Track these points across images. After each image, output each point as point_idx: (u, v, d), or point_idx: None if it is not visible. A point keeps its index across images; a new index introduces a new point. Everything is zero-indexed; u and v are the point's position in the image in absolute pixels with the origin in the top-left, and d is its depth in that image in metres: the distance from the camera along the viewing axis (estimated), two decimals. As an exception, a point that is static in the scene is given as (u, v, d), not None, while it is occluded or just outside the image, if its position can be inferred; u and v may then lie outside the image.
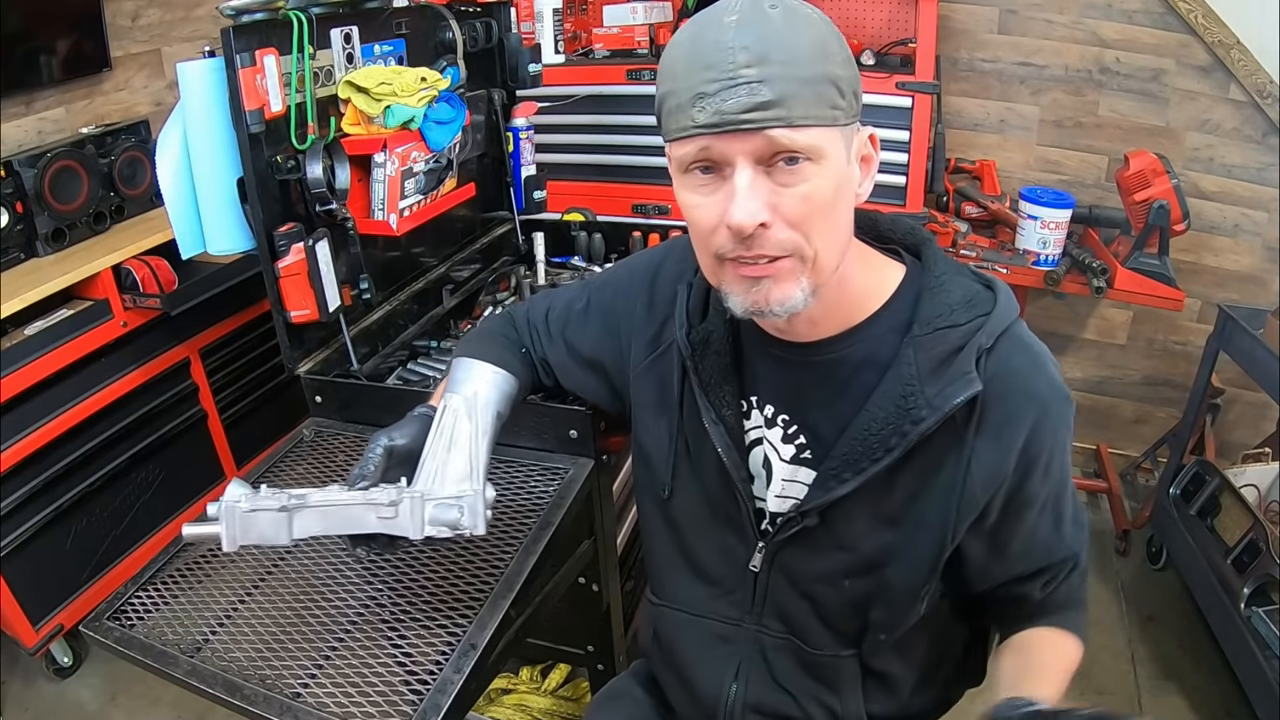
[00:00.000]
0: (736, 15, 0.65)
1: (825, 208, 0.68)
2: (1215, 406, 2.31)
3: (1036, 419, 0.75)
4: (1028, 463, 0.77)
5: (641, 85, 1.99)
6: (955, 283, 0.78)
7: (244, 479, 0.83)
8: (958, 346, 0.75)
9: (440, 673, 0.84)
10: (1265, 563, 1.69)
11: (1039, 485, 0.79)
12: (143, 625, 0.94)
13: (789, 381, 0.83)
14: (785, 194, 0.67)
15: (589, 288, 1.03)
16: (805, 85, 0.65)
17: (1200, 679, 1.92)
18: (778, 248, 0.69)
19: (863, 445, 0.77)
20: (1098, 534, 2.41)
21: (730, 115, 0.65)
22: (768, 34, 0.64)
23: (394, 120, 1.35)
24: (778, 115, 0.64)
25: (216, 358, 2.22)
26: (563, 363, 1.03)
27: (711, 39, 0.65)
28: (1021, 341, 0.77)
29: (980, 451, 0.75)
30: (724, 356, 0.85)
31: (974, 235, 2.30)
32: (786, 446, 0.84)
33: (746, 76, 0.64)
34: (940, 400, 0.73)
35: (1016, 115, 2.40)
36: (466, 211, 1.77)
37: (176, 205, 1.24)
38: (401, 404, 1.03)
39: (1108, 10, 2.21)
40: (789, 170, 0.67)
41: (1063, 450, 0.80)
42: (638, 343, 0.94)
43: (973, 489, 0.76)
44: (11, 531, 1.76)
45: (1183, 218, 2.03)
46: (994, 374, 0.74)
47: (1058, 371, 0.78)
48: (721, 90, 0.64)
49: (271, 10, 1.20)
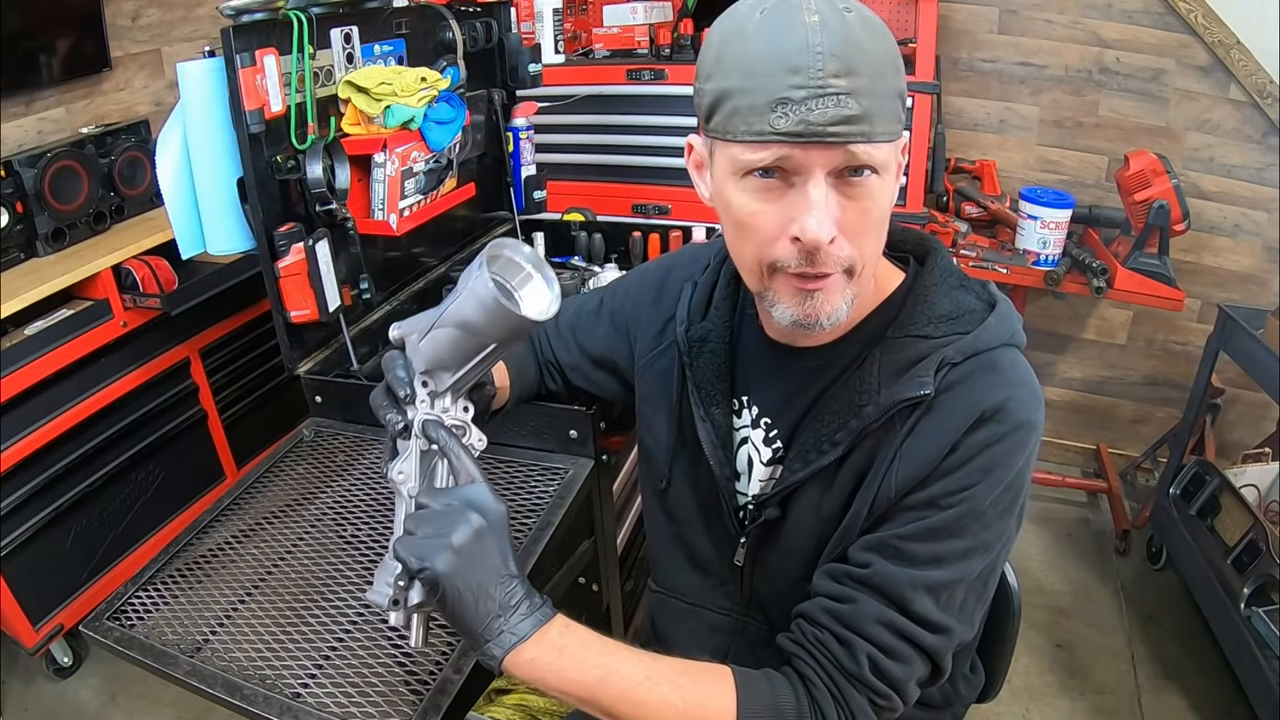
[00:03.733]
0: (818, 16, 0.62)
1: (880, 221, 0.69)
2: (1215, 406, 2.31)
3: (970, 429, 0.70)
4: (940, 471, 0.71)
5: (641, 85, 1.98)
6: (945, 296, 0.76)
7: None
8: (923, 355, 0.73)
9: (440, 673, 0.84)
10: (1265, 563, 1.69)
11: (932, 498, 0.71)
12: (143, 625, 0.94)
13: (776, 385, 0.84)
14: (849, 207, 0.66)
15: (602, 292, 1.05)
16: (884, 100, 0.63)
17: (1200, 679, 1.92)
18: (836, 263, 0.67)
19: (814, 438, 0.77)
20: (1097, 534, 2.41)
21: (816, 126, 0.61)
22: (852, 42, 0.61)
23: (394, 120, 1.35)
24: (862, 130, 0.62)
25: (216, 358, 2.22)
26: (575, 363, 1.05)
27: (799, 39, 0.61)
28: (996, 365, 0.72)
29: (906, 453, 0.72)
30: (719, 356, 0.86)
31: (974, 235, 2.30)
32: (765, 449, 0.85)
33: (835, 87, 0.61)
34: (886, 397, 0.73)
35: (1016, 115, 2.40)
36: (466, 211, 1.77)
37: (176, 205, 1.24)
38: (401, 404, 1.03)
39: (1108, 10, 2.21)
40: (855, 183, 0.65)
41: (993, 484, 0.70)
42: (643, 338, 0.96)
43: (887, 488, 0.73)
44: (11, 531, 1.76)
45: (1183, 218, 2.03)
46: (948, 385, 0.72)
47: (1030, 404, 0.71)
48: (809, 99, 0.61)
49: (271, 10, 1.20)
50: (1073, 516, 2.49)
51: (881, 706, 0.71)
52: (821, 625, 0.73)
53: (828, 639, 0.72)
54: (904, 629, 0.70)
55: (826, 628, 0.72)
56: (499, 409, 1.02)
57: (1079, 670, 1.97)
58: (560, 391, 1.10)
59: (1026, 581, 2.23)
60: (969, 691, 1.01)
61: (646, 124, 1.99)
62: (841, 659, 0.71)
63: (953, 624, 0.72)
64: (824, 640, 0.72)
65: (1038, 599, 2.17)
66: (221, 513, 1.11)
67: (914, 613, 0.70)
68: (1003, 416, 0.70)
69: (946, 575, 0.71)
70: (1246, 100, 2.16)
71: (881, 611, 0.70)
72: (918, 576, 0.70)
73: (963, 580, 0.72)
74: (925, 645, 0.71)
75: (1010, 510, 0.73)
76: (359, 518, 1.10)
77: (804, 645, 0.73)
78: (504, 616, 0.67)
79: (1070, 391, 2.66)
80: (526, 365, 1.07)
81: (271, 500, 1.14)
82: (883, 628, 0.70)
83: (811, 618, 0.74)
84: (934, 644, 0.71)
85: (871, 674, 0.70)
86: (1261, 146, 2.19)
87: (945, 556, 0.71)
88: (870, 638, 0.70)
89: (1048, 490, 2.53)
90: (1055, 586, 2.23)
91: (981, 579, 0.74)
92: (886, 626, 0.70)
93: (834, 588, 0.74)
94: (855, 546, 0.74)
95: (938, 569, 0.71)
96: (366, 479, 1.18)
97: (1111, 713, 1.86)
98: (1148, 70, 2.23)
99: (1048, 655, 2.01)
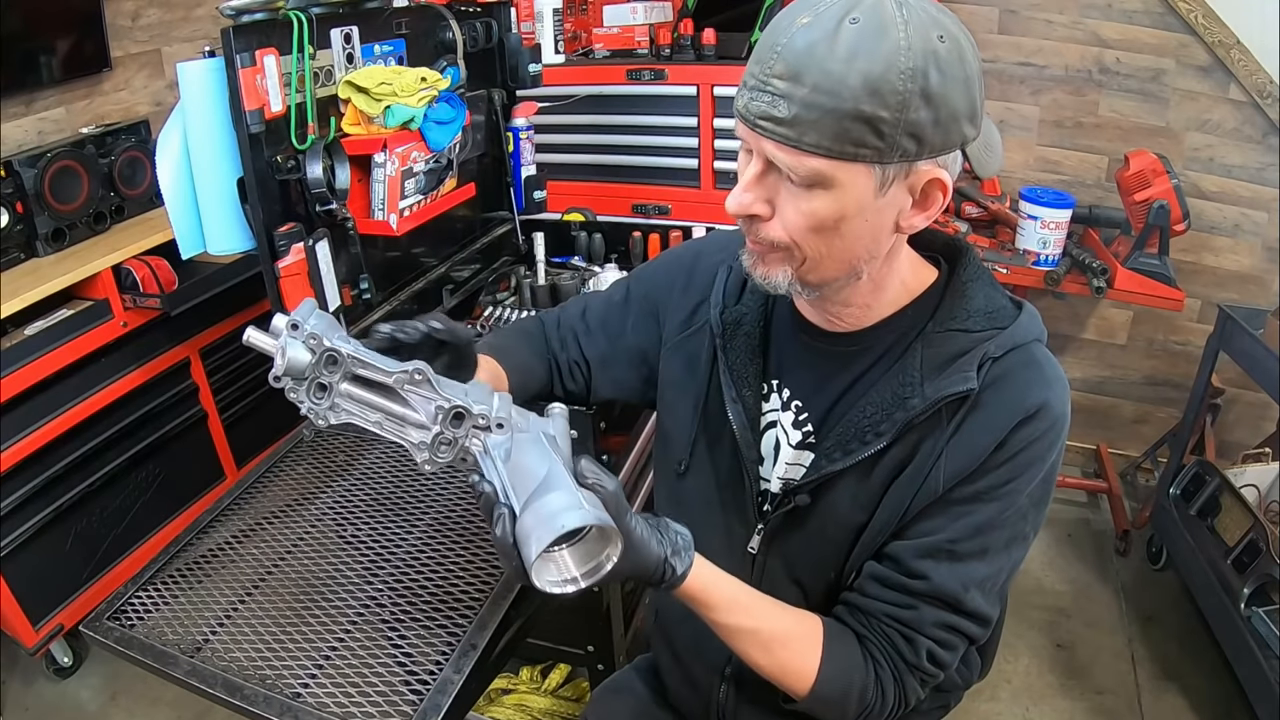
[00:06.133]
0: (809, 19, 0.64)
1: (824, 229, 0.70)
2: (1215, 406, 2.31)
3: (1016, 427, 0.74)
4: (987, 466, 0.75)
5: (642, 85, 1.98)
6: (980, 291, 0.79)
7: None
8: (965, 349, 0.76)
9: (440, 673, 0.83)
10: (1265, 563, 1.69)
11: (978, 492, 0.75)
12: (143, 625, 0.94)
13: (810, 368, 0.85)
14: (790, 201, 0.69)
15: (628, 281, 1.06)
16: (828, 115, 0.63)
17: (1200, 679, 1.92)
18: (767, 243, 0.73)
19: (855, 428, 0.79)
20: (1097, 534, 2.41)
21: (750, 115, 0.67)
22: (815, 54, 0.63)
23: (394, 120, 1.35)
24: (785, 134, 0.65)
25: (216, 358, 2.22)
26: (603, 355, 1.04)
27: (775, 36, 0.66)
28: (1034, 360, 0.76)
29: (954, 448, 0.75)
30: (753, 339, 0.88)
31: (974, 235, 2.30)
32: (795, 431, 0.86)
33: (775, 88, 0.65)
34: (932, 391, 0.75)
35: (1016, 115, 2.40)
36: (466, 211, 1.77)
37: (176, 205, 1.24)
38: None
39: (1108, 10, 2.21)
40: (802, 189, 0.68)
41: (1031, 477, 0.75)
42: (671, 322, 0.97)
43: (934, 481, 0.76)
44: (11, 531, 1.76)
45: (1183, 218, 2.03)
46: (993, 380, 0.74)
47: (1064, 399, 0.76)
48: (755, 89, 0.67)
49: (271, 10, 1.20)
50: (1073, 517, 2.49)
51: (928, 682, 0.81)
52: (888, 622, 0.79)
53: (894, 635, 0.79)
54: (958, 626, 0.78)
55: (892, 627, 0.79)
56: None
57: (1079, 670, 1.97)
58: (579, 392, 1.08)
59: (1027, 581, 2.23)
60: (967, 677, 1.01)
61: (646, 124, 1.99)
62: (905, 652, 0.79)
63: (994, 612, 0.80)
64: (890, 635, 0.79)
65: (1038, 599, 2.17)
66: (221, 513, 1.11)
67: (967, 610, 0.78)
68: (1044, 413, 0.74)
69: (991, 568, 0.78)
70: (1246, 100, 2.16)
71: (940, 616, 0.78)
72: (968, 574, 0.77)
73: (1004, 569, 0.79)
74: (973, 634, 0.80)
75: (1045, 500, 0.79)
76: (359, 518, 1.10)
77: (871, 635, 0.80)
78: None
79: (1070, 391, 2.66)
80: (532, 373, 1.05)
81: (271, 500, 1.14)
82: (941, 629, 0.78)
83: (875, 615, 0.80)
84: (979, 632, 0.80)
85: (929, 663, 0.79)
86: (1261, 146, 2.19)
87: (990, 549, 0.77)
88: (931, 636, 0.78)
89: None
90: (1055, 587, 2.23)
91: (1016, 564, 0.80)
92: (944, 628, 0.78)
93: (895, 596, 0.79)
94: (908, 551, 0.78)
95: (984, 563, 0.77)
96: (366, 479, 1.18)
97: (1111, 713, 1.86)
98: (1148, 70, 2.23)
99: (1048, 655, 2.01)
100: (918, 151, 0.66)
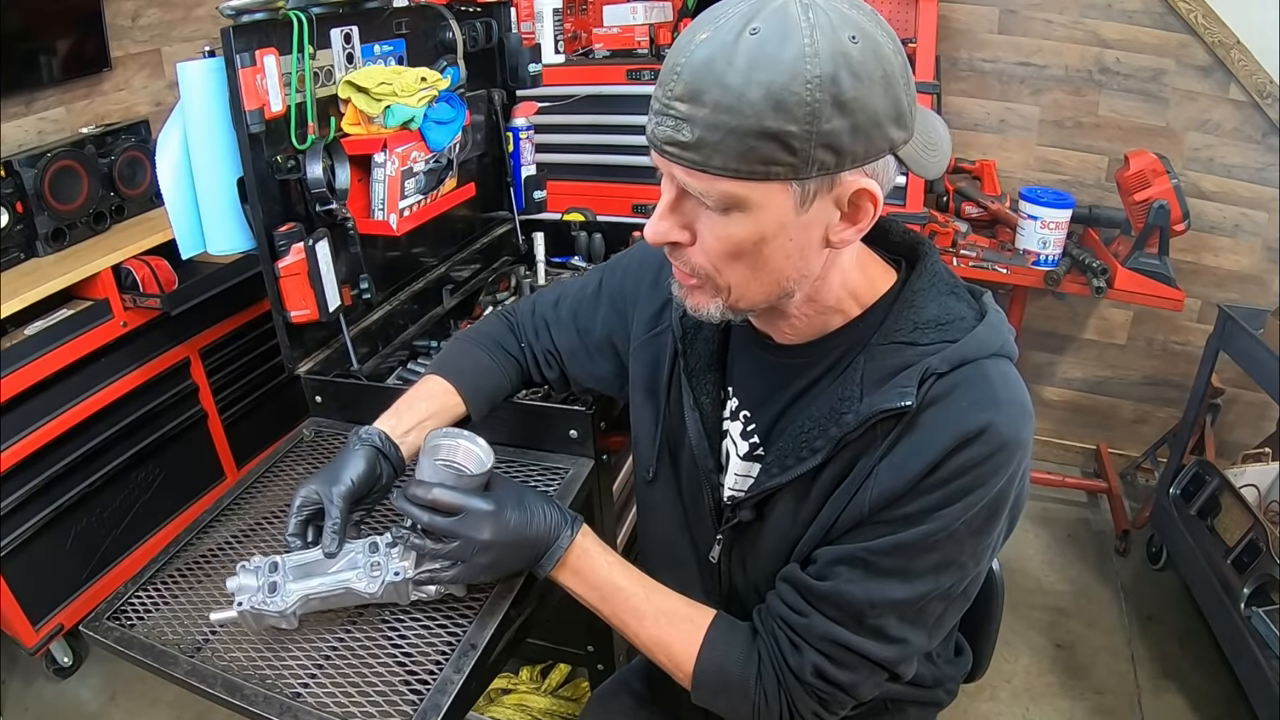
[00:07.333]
0: (707, 34, 0.60)
1: (742, 253, 0.67)
2: (1215, 406, 2.31)
3: (954, 450, 0.68)
4: (919, 490, 0.70)
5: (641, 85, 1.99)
6: (933, 301, 0.74)
7: (247, 565, 0.87)
8: (910, 363, 0.71)
9: (440, 673, 0.83)
10: (1265, 563, 1.69)
11: (907, 515, 0.71)
12: (143, 625, 0.94)
13: (760, 378, 0.84)
14: (708, 226, 0.67)
15: (601, 271, 1.05)
16: (732, 136, 0.60)
17: (1200, 679, 1.92)
18: (690, 271, 0.71)
19: (794, 443, 0.77)
20: (1097, 534, 2.41)
21: (657, 141, 0.65)
22: (714, 72, 0.59)
23: (394, 120, 1.35)
24: (691, 159, 0.62)
25: (216, 358, 2.22)
26: (573, 348, 1.04)
27: (674, 54, 0.62)
28: (984, 377, 0.70)
29: (885, 469, 0.71)
30: (712, 344, 0.86)
31: (974, 235, 2.30)
32: (743, 442, 0.85)
33: (677, 111, 0.62)
34: (867, 406, 0.71)
35: (1016, 115, 2.40)
36: (466, 211, 1.77)
37: (176, 205, 1.24)
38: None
39: (1108, 10, 2.21)
40: (712, 208, 0.66)
41: (970, 505, 0.69)
42: (639, 318, 0.96)
43: (861, 501, 0.72)
44: (11, 531, 1.76)
45: (1183, 218, 2.03)
46: (935, 398, 0.69)
47: (1017, 422, 0.69)
48: (659, 114, 0.64)
49: (271, 10, 1.20)
50: (1073, 516, 2.49)
51: (827, 700, 0.76)
52: (779, 624, 0.78)
53: (781, 639, 0.77)
54: (851, 644, 0.74)
55: (781, 629, 0.77)
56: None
57: (1079, 670, 1.97)
58: (555, 380, 1.09)
59: (1026, 581, 2.23)
60: (957, 671, 1.02)
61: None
62: (789, 659, 0.76)
63: (913, 637, 0.75)
64: (778, 636, 0.77)
65: (1038, 599, 2.17)
66: (221, 513, 1.11)
67: (870, 627, 0.73)
68: (987, 438, 0.68)
69: (914, 590, 0.72)
70: (1246, 100, 2.16)
71: (830, 629, 0.74)
72: (881, 592, 0.72)
73: (933, 594, 0.73)
74: (875, 657, 0.74)
75: (985, 529, 0.72)
76: (359, 517, 1.10)
77: (763, 633, 0.79)
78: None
79: (1070, 391, 2.66)
80: (487, 375, 1.05)
81: (271, 500, 1.14)
82: (830, 643, 0.74)
83: (772, 614, 0.79)
84: (887, 656, 0.74)
85: (814, 678, 0.75)
86: (1261, 146, 2.19)
87: (913, 571, 0.72)
88: (819, 649, 0.75)
89: (1048, 490, 2.54)
90: (1055, 586, 2.23)
91: (959, 592, 0.75)
92: (834, 643, 0.74)
93: (793, 598, 0.77)
94: (823, 554, 0.76)
95: (904, 584, 0.72)
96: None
97: (1111, 713, 1.86)
98: (1148, 70, 2.23)
99: (1048, 655, 2.01)
100: (838, 163, 0.62)
